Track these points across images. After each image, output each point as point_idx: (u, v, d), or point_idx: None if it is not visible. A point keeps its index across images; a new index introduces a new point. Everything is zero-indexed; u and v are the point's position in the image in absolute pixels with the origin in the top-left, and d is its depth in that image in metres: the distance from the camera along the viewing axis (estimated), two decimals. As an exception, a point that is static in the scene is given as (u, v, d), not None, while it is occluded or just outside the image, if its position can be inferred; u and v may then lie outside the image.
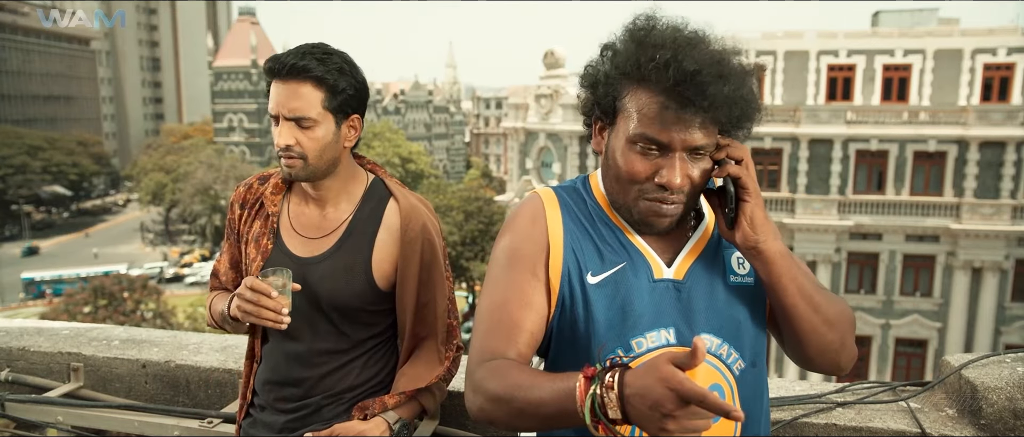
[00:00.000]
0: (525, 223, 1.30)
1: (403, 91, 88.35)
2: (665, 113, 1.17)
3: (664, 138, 1.18)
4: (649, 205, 1.23)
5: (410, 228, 1.68)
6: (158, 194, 59.35)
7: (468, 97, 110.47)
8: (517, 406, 1.12)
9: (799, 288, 1.23)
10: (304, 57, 1.56)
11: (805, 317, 1.23)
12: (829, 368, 1.28)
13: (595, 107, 1.28)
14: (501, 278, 1.28)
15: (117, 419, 2.23)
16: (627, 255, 1.26)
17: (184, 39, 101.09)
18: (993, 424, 1.77)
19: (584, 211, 1.32)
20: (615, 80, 1.23)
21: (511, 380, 1.14)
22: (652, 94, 1.18)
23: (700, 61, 1.15)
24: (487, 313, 1.27)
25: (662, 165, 1.19)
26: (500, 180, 56.47)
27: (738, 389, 1.26)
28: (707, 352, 1.20)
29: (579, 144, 23.45)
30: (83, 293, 30.94)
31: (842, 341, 1.27)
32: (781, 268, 1.22)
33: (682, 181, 1.19)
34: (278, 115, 1.57)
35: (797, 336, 1.26)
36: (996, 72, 22.47)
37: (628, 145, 1.22)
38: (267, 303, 1.51)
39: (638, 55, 1.19)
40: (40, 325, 2.81)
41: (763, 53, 23.40)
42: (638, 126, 1.19)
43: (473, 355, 1.26)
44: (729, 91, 1.16)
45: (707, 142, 1.19)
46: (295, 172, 1.62)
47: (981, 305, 20.85)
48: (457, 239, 34.72)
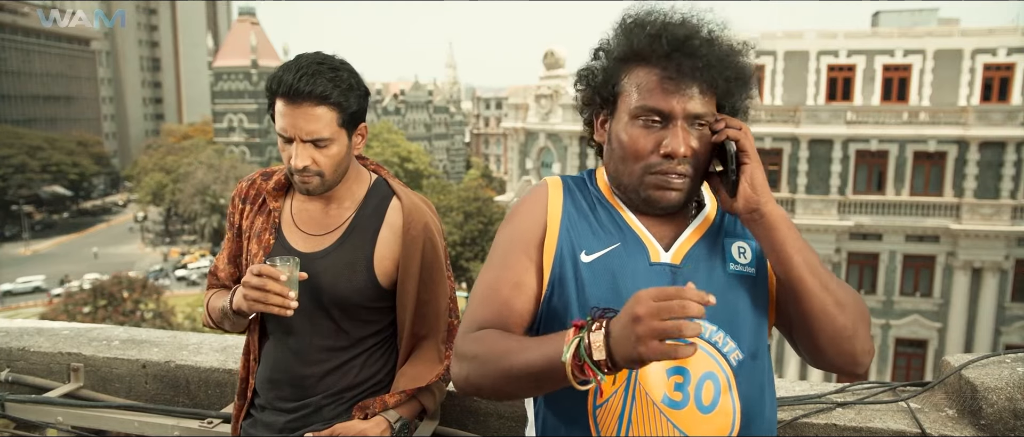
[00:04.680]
0: (527, 206, 1.34)
1: (403, 91, 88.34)
2: (664, 83, 1.21)
3: (665, 107, 1.21)
4: (655, 179, 1.24)
5: (412, 226, 1.69)
6: (158, 194, 59.34)
7: (468, 97, 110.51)
8: (503, 365, 1.14)
9: (805, 260, 1.20)
10: (314, 79, 1.53)
11: (814, 293, 1.20)
12: (844, 360, 1.22)
13: (595, 96, 1.32)
14: (497, 258, 1.32)
15: (117, 419, 2.23)
16: (623, 236, 1.28)
17: (184, 39, 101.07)
18: (993, 424, 1.77)
19: (586, 197, 1.34)
20: (611, 68, 1.28)
21: (497, 344, 1.19)
22: (649, 68, 1.23)
23: (689, 29, 1.22)
24: (480, 290, 1.30)
25: (665, 136, 1.22)
26: (500, 180, 56.48)
27: (735, 380, 1.23)
28: (702, 339, 1.21)
29: (579, 144, 23.45)
30: (83, 293, 30.95)
31: (855, 328, 1.21)
32: (785, 235, 1.21)
33: (686, 149, 1.21)
34: (293, 137, 1.56)
35: (806, 319, 1.22)
36: (996, 72, 22.47)
37: (631, 121, 1.25)
38: (274, 288, 1.50)
39: (630, 37, 1.25)
40: (40, 325, 2.81)
41: (763, 53, 23.39)
42: (639, 100, 1.23)
43: (461, 328, 1.29)
44: (721, 53, 1.21)
45: (706, 110, 1.22)
46: (313, 188, 1.63)
47: (981, 305, 20.85)
48: (457, 239, 34.73)
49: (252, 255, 1.72)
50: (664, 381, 1.21)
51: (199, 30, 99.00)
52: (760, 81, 23.72)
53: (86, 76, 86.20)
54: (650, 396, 1.20)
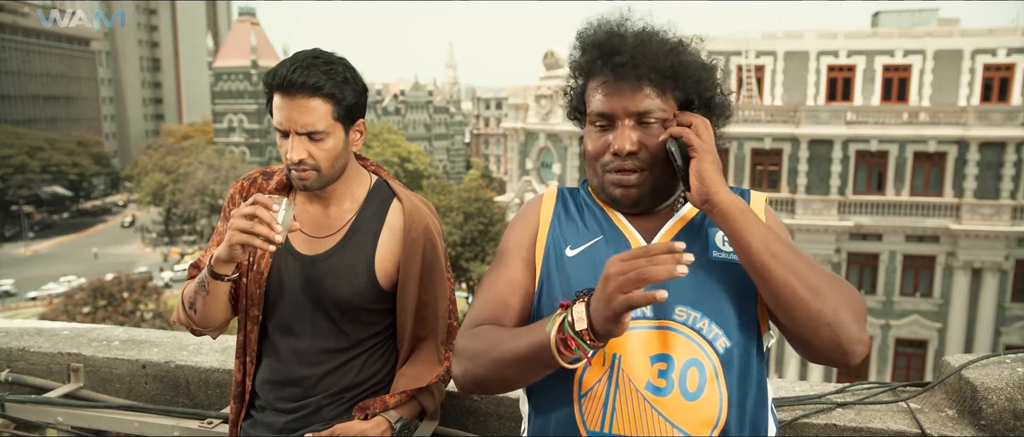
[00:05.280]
0: (523, 215, 1.44)
1: (403, 91, 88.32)
2: (605, 88, 1.31)
3: (606, 108, 1.31)
4: (611, 177, 1.33)
5: (413, 229, 1.69)
6: (158, 194, 59.33)
7: (468, 97, 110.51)
8: (495, 354, 1.22)
9: (766, 246, 1.19)
10: (309, 71, 1.54)
11: (778, 277, 1.17)
12: (830, 348, 1.18)
13: (574, 112, 1.43)
14: (496, 264, 1.41)
15: (117, 419, 2.23)
16: (604, 231, 1.35)
17: (184, 39, 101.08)
18: (993, 424, 1.77)
19: (576, 201, 1.43)
20: (579, 84, 1.39)
21: (490, 336, 1.26)
22: (595, 78, 1.33)
23: (620, 34, 1.30)
24: (480, 293, 1.39)
25: (611, 136, 1.31)
26: (500, 180, 56.49)
27: (723, 368, 1.22)
28: (684, 324, 1.23)
29: (579, 144, 23.45)
30: (82, 293, 30.94)
31: (835, 314, 1.16)
32: (739, 222, 1.21)
33: (631, 145, 1.29)
34: (288, 130, 1.56)
35: (778, 306, 1.20)
36: (996, 72, 22.48)
37: (589, 129, 1.36)
38: (264, 215, 1.41)
39: (579, 54, 1.36)
40: (40, 325, 2.81)
41: (763, 53, 23.41)
42: (591, 107, 1.34)
43: (462, 329, 1.35)
44: (651, 50, 1.27)
45: (649, 107, 1.29)
46: (309, 183, 1.62)
47: (981, 305, 20.85)
48: (457, 239, 34.72)
49: (258, 256, 1.71)
50: (648, 368, 1.21)
51: (199, 30, 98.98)
52: (760, 81, 23.72)
53: (86, 76, 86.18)
54: (633, 383, 1.20)
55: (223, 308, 1.66)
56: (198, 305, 1.61)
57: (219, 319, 1.67)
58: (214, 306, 1.62)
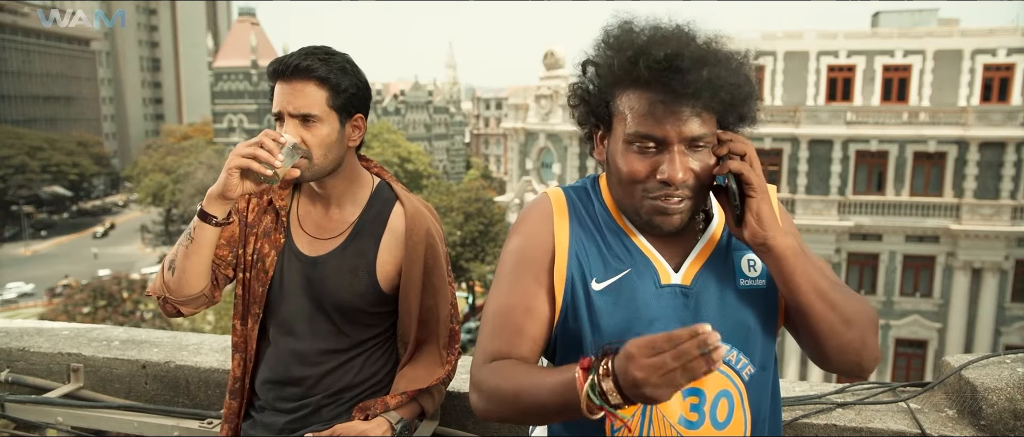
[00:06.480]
0: (532, 226, 1.30)
1: (403, 91, 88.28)
2: (655, 107, 1.15)
3: (659, 133, 1.16)
4: (654, 204, 1.20)
5: (414, 232, 1.69)
6: (158, 194, 59.32)
7: (468, 97, 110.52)
8: (521, 406, 1.14)
9: (814, 286, 1.18)
10: (307, 57, 1.57)
11: (822, 316, 1.19)
12: (850, 368, 1.23)
13: (590, 117, 1.28)
14: (507, 281, 1.28)
15: (117, 420, 2.23)
16: (632, 261, 1.24)
17: (184, 39, 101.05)
18: (993, 425, 1.77)
19: (591, 215, 1.30)
20: (603, 87, 1.23)
21: (513, 379, 1.16)
22: (640, 91, 1.17)
23: (674, 49, 1.13)
24: (492, 316, 1.27)
25: (661, 161, 1.17)
26: (500, 180, 56.47)
27: (747, 394, 1.24)
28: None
29: (579, 144, 23.38)
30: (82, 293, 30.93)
31: (863, 340, 1.21)
32: (793, 265, 1.18)
33: (685, 175, 1.17)
34: (282, 113, 1.57)
35: (815, 337, 1.21)
36: (996, 72, 22.47)
37: (626, 146, 1.20)
38: (269, 144, 1.46)
39: (613, 58, 1.19)
40: (40, 325, 2.81)
41: (763, 53, 23.39)
42: (632, 125, 1.18)
43: (477, 356, 1.26)
44: (711, 75, 1.13)
45: (704, 132, 1.17)
46: (301, 170, 1.62)
47: (981, 305, 20.85)
48: (457, 239, 34.72)
49: (264, 254, 1.72)
50: (680, 402, 1.21)
51: (199, 30, 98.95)
52: (760, 82, 23.71)
53: (86, 76, 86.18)
54: (667, 419, 1.21)
55: (203, 271, 1.62)
56: (178, 260, 1.59)
57: (195, 286, 1.62)
58: (195, 260, 1.59)
